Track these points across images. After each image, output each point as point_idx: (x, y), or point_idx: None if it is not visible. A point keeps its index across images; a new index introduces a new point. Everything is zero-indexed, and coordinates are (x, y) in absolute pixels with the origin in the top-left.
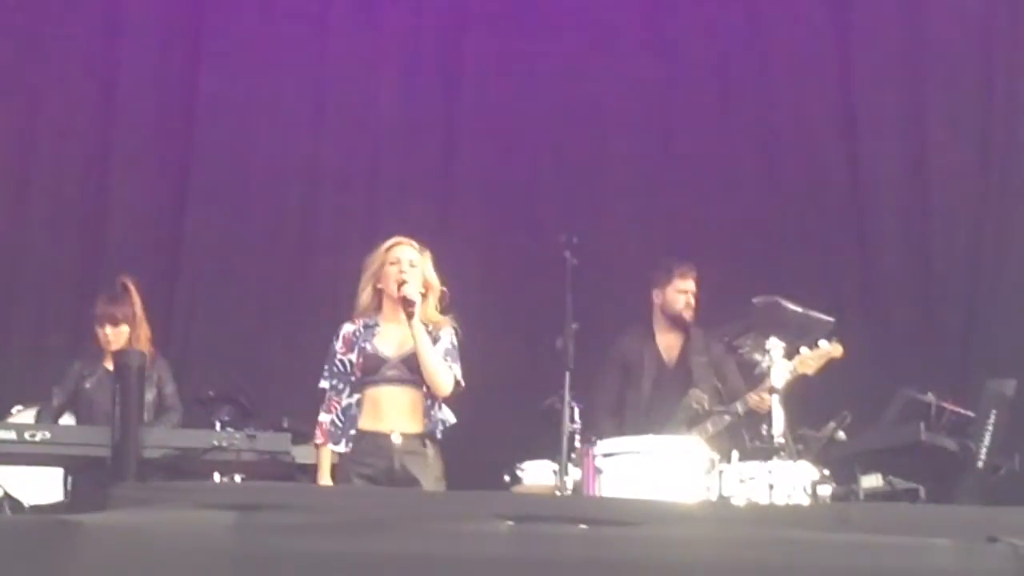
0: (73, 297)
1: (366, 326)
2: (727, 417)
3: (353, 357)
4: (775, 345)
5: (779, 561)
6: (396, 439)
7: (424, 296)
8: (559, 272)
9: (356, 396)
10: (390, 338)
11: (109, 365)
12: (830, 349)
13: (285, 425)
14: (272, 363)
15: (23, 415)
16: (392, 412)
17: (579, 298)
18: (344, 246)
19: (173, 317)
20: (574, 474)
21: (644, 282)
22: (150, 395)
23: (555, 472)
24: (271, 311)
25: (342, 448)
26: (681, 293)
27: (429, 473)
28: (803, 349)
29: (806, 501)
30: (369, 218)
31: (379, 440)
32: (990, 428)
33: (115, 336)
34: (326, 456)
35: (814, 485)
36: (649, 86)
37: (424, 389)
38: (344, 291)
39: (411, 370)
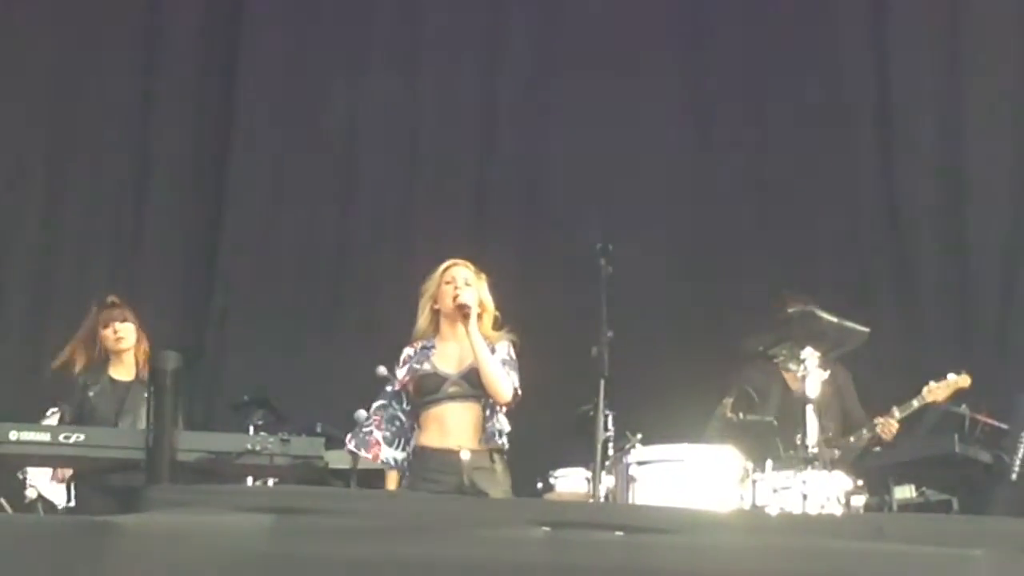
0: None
1: (423, 348)
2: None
3: (407, 378)
4: (810, 355)
5: (813, 571)
6: (465, 455)
7: (480, 317)
8: (594, 280)
9: (404, 410)
10: (449, 356)
11: (112, 374)
12: (958, 380)
13: (318, 430)
14: (306, 367)
15: (57, 417)
16: (457, 429)
17: (614, 306)
18: (379, 252)
19: (208, 321)
20: (607, 482)
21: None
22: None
23: (588, 480)
24: (306, 315)
25: (399, 453)
26: None
27: (498, 488)
28: (931, 382)
29: (839, 511)
30: (404, 225)
31: (447, 457)
32: None
33: (125, 332)
34: (391, 477)
35: (848, 495)
36: (682, 85)
37: (483, 403)
38: (379, 295)
39: (472, 385)
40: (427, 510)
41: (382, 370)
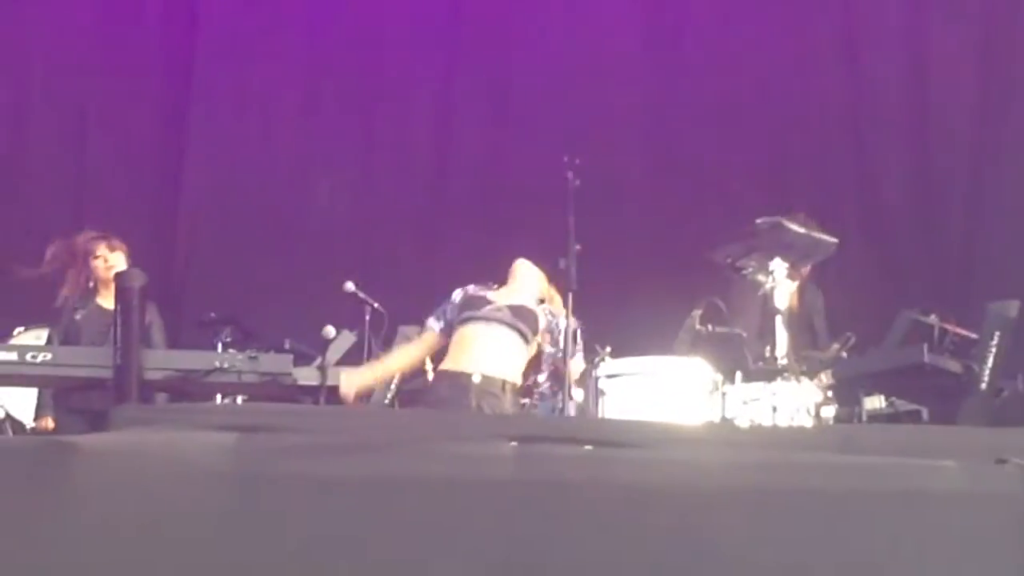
0: (72, 221)
1: (488, 285)
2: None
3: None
4: (779, 266)
5: (783, 484)
6: (476, 378)
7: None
8: (561, 193)
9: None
10: (505, 293)
11: (100, 301)
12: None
13: (287, 346)
14: (272, 284)
15: (24, 336)
16: (478, 352)
17: (581, 219)
18: (342, 168)
19: (175, 240)
20: (577, 395)
21: None
22: None
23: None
24: (270, 233)
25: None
26: (802, 273)
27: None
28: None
29: (809, 423)
30: (366, 139)
31: (458, 379)
32: (993, 350)
33: (115, 260)
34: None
35: (818, 407)
36: (654, 11)
37: (523, 342)
38: (338, 214)
39: (516, 316)
40: (393, 425)
41: (350, 286)
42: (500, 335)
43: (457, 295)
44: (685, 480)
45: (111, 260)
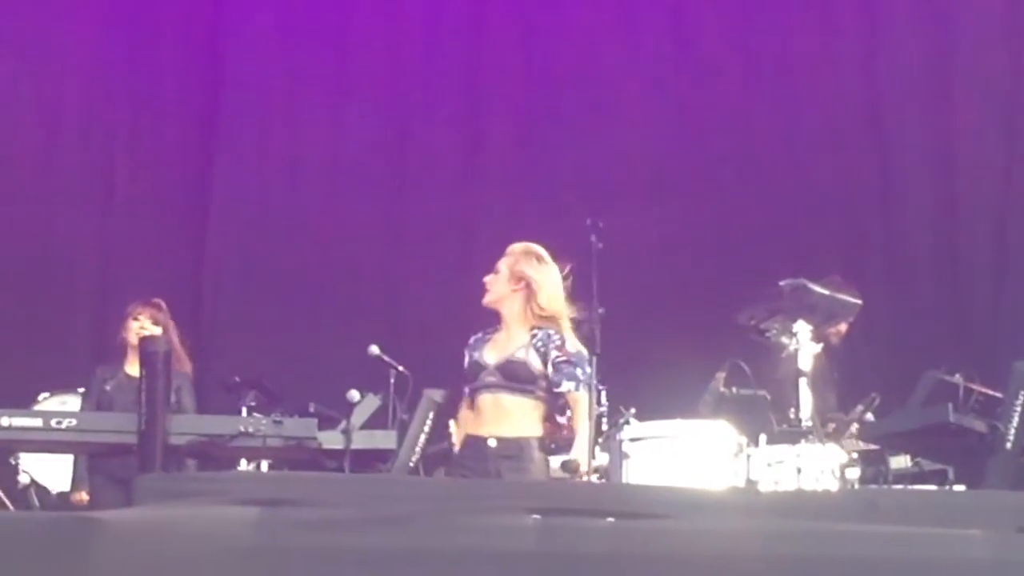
0: (96, 286)
1: (484, 334)
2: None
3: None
4: (802, 328)
5: (808, 554)
6: (492, 443)
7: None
8: (585, 256)
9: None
10: (497, 345)
11: (129, 369)
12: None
13: (311, 410)
14: (297, 348)
15: (49, 402)
16: (490, 417)
17: (604, 282)
18: (366, 234)
19: (199, 303)
20: (601, 458)
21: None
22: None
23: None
24: (295, 296)
25: None
26: (839, 332)
27: (526, 477)
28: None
29: (834, 485)
30: (390, 204)
31: (478, 444)
32: (1018, 409)
33: (150, 331)
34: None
35: (842, 468)
36: (668, 65)
37: (527, 396)
38: (364, 278)
39: (507, 377)
40: (416, 495)
41: (374, 349)
42: (502, 400)
43: (467, 352)
44: (709, 551)
45: (148, 329)
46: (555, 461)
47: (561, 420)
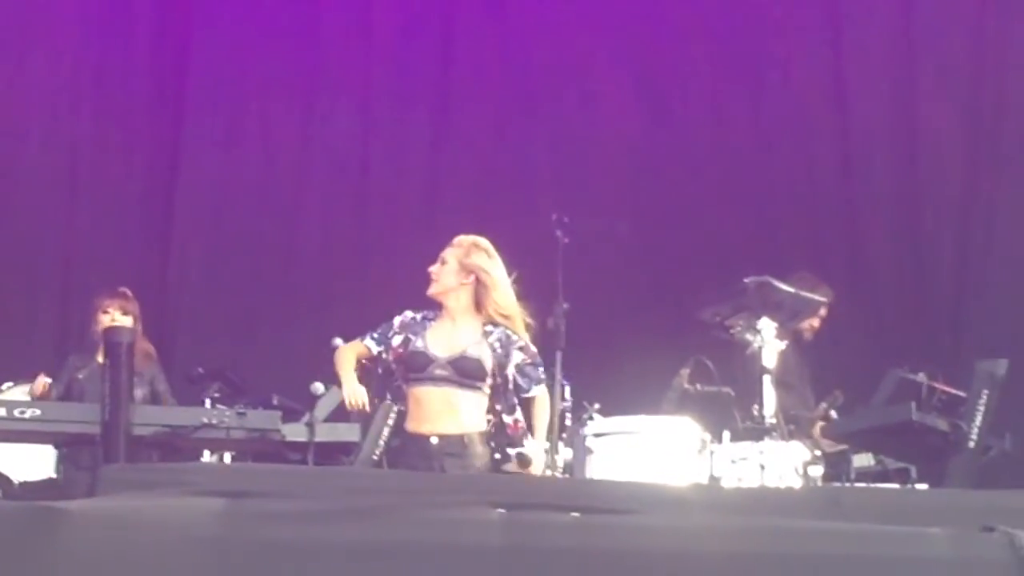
0: (59, 276)
1: (424, 318)
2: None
3: (400, 348)
4: (767, 326)
5: (770, 550)
6: (434, 440)
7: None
8: (550, 252)
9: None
10: (442, 336)
11: (101, 359)
12: None
13: (275, 403)
14: (261, 339)
15: (12, 392)
16: (433, 413)
17: (569, 277)
18: (333, 224)
19: (163, 294)
20: (564, 454)
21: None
22: (141, 391)
23: (546, 451)
24: (260, 287)
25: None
26: (812, 327)
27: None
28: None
29: (798, 482)
30: (358, 197)
31: (421, 443)
32: (981, 408)
33: (121, 323)
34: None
35: (806, 465)
36: (639, 59)
37: (475, 392)
38: (332, 266)
39: (459, 373)
40: (381, 488)
41: (338, 341)
42: (451, 396)
43: (397, 324)
44: (673, 547)
45: (118, 320)
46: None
47: (508, 420)
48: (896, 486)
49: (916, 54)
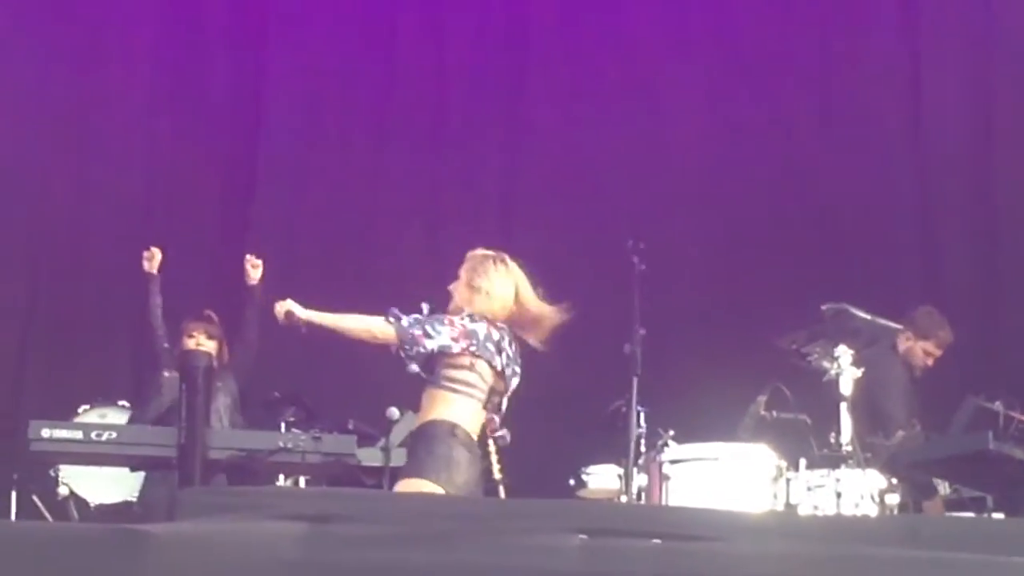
0: (137, 300)
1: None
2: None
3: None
4: (844, 352)
5: None
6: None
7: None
8: (627, 277)
9: None
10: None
11: None
12: None
13: (350, 427)
14: (336, 364)
15: (89, 415)
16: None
17: (646, 303)
18: (406, 250)
19: (238, 319)
20: (639, 480)
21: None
22: (229, 399)
23: (620, 477)
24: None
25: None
26: (929, 356)
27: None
28: None
29: (874, 510)
30: (430, 220)
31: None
32: None
33: (207, 349)
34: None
35: (882, 494)
36: (714, 88)
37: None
38: (405, 292)
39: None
40: (461, 514)
41: (414, 367)
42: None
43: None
44: (753, 574)
45: (203, 344)
46: None
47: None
48: (973, 515)
49: (994, 88)
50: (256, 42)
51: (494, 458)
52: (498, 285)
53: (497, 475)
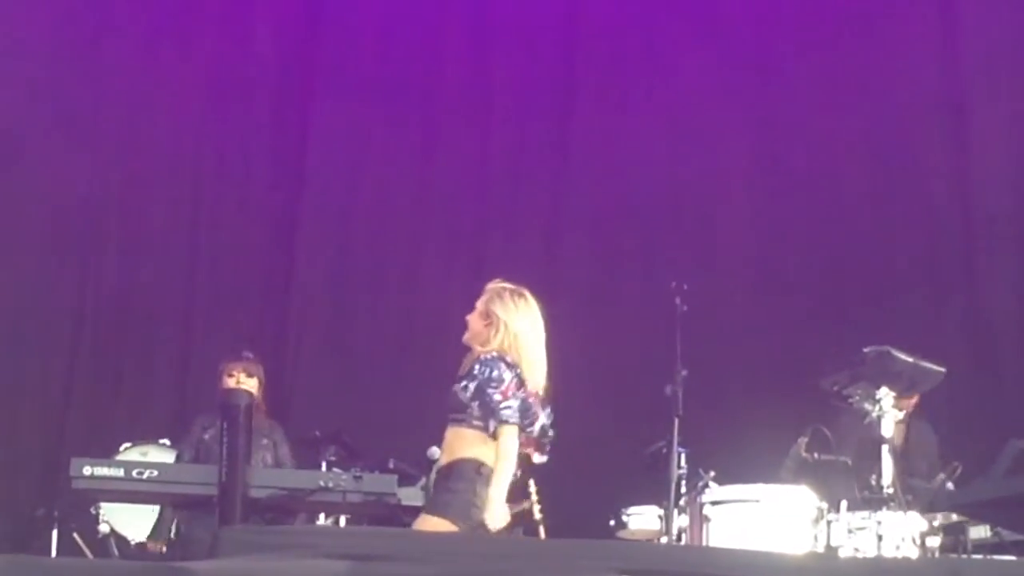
0: (178, 338)
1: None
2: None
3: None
4: (885, 395)
5: None
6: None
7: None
8: (669, 318)
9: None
10: None
11: None
12: None
13: (391, 466)
14: (377, 403)
15: (130, 452)
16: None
17: (687, 344)
18: (447, 290)
19: (281, 356)
20: (680, 521)
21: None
22: (267, 455)
23: (661, 518)
24: (376, 352)
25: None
26: None
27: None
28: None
29: (915, 553)
30: (474, 261)
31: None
32: None
33: (246, 386)
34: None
35: (923, 536)
36: (760, 135)
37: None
38: (447, 333)
39: (451, 409)
40: (502, 554)
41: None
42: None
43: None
44: None
45: (243, 383)
46: None
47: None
48: (1014, 558)
49: None
50: (304, 63)
51: (535, 498)
52: (516, 318)
53: (537, 515)
